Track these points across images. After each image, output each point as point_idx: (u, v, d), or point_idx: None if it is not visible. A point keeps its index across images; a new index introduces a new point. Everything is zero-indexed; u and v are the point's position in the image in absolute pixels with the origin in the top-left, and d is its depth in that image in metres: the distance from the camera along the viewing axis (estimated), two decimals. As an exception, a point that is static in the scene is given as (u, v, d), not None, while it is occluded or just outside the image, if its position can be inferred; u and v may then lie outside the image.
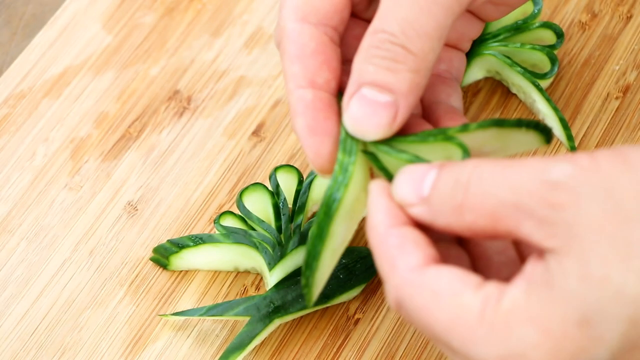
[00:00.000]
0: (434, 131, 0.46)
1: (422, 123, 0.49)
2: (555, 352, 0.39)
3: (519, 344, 0.40)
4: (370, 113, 0.46)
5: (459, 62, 0.53)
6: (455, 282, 0.42)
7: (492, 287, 0.41)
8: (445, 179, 0.43)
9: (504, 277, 0.44)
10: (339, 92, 0.48)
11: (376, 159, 0.46)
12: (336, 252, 0.47)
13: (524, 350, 0.40)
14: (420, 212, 0.44)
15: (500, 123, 0.46)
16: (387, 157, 0.46)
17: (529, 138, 0.47)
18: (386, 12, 0.46)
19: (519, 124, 0.46)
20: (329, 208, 0.45)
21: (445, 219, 0.43)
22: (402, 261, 0.43)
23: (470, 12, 0.52)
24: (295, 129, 0.47)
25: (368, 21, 0.51)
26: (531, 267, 0.41)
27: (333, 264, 0.47)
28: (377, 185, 0.45)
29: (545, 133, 0.47)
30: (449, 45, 0.53)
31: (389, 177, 0.46)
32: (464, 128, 0.45)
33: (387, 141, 0.46)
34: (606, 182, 0.40)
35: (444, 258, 0.44)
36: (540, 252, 0.41)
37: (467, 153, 0.45)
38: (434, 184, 0.43)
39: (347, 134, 0.46)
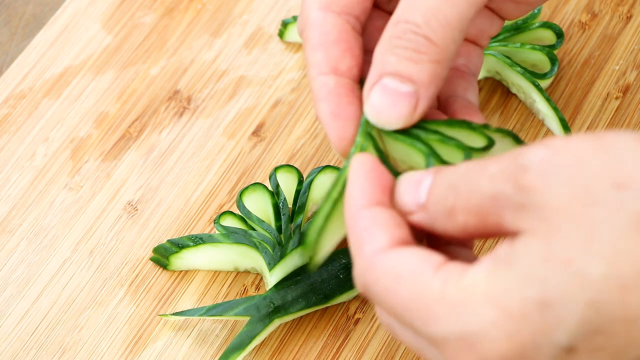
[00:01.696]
0: (457, 120, 0.46)
1: (438, 115, 0.50)
2: (513, 332, 0.39)
3: (477, 322, 0.40)
4: (391, 103, 0.46)
5: (477, 58, 0.53)
6: (416, 262, 0.42)
7: (454, 266, 0.41)
8: (439, 184, 0.43)
9: None
10: (361, 80, 0.49)
11: (375, 143, 0.47)
12: (342, 225, 0.46)
13: (482, 328, 0.39)
14: (419, 219, 0.44)
15: (517, 139, 0.46)
16: (396, 143, 0.46)
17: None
18: (409, 3, 0.46)
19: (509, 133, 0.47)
20: (344, 180, 0.46)
21: (442, 224, 0.43)
22: (367, 244, 0.43)
23: (490, 9, 0.52)
24: (318, 114, 0.48)
25: (390, 13, 0.51)
26: (500, 248, 0.41)
27: (340, 234, 0.46)
28: (359, 159, 0.45)
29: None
30: (469, 40, 0.53)
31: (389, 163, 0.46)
32: (485, 126, 0.46)
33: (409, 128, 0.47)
34: (576, 164, 0.40)
35: (452, 259, 0.44)
36: (513, 235, 0.41)
37: (491, 141, 0.45)
38: (430, 190, 0.44)
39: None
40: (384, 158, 0.47)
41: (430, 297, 0.41)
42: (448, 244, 0.46)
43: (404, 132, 0.47)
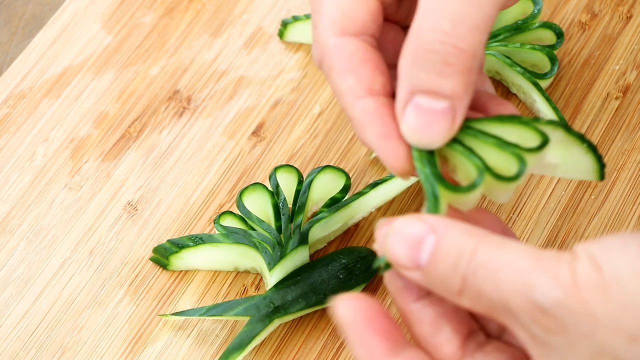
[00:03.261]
0: (508, 116, 0.45)
1: (471, 113, 0.48)
2: None
3: None
4: (428, 122, 0.44)
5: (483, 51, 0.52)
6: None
7: None
8: (445, 258, 0.42)
9: None
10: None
11: (430, 157, 0.45)
12: None
13: None
14: (415, 277, 0.43)
15: (568, 128, 0.45)
16: (451, 152, 0.45)
17: (585, 164, 0.46)
18: (431, 9, 0.44)
19: (583, 138, 0.45)
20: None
21: (442, 294, 0.42)
22: None
23: None
24: (367, 140, 0.46)
25: (398, 23, 0.50)
26: None
27: None
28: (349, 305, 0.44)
29: (602, 166, 0.46)
30: None
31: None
32: (536, 119, 0.45)
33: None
34: (590, 317, 0.39)
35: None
36: None
37: (545, 138, 0.44)
38: (432, 256, 0.42)
39: None
40: (437, 172, 0.45)
41: None
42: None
43: (457, 139, 0.45)
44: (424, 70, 0.44)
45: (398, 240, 0.43)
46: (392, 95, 0.47)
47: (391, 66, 0.49)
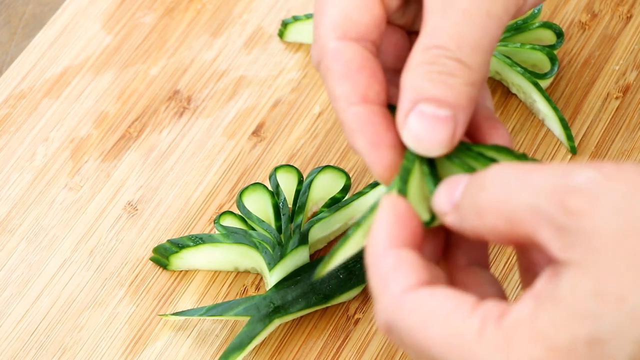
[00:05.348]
0: (502, 147, 0.46)
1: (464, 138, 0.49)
2: None
3: None
4: (430, 129, 0.45)
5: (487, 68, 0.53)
6: (450, 301, 0.41)
7: (491, 305, 0.40)
8: (472, 184, 0.43)
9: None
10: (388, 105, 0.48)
11: (422, 166, 0.46)
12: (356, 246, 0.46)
13: None
14: (451, 220, 0.43)
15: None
16: (449, 165, 0.46)
17: None
18: (438, 29, 0.45)
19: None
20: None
21: (470, 223, 0.42)
22: (394, 282, 0.42)
23: None
24: (356, 146, 0.46)
25: (402, 27, 0.51)
26: (542, 283, 0.40)
27: (356, 249, 0.46)
28: (389, 200, 0.44)
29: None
30: None
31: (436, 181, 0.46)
32: (524, 155, 0.46)
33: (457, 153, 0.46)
34: (630, 194, 0.39)
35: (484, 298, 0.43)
36: (555, 265, 0.40)
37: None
38: (464, 190, 0.43)
39: None
40: (435, 182, 0.46)
41: (468, 337, 0.40)
42: (467, 265, 0.46)
43: (453, 156, 0.46)
44: (429, 80, 0.45)
45: (441, 190, 0.44)
46: (386, 105, 0.47)
47: (390, 70, 0.49)
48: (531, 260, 0.44)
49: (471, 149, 0.46)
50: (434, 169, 0.46)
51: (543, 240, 0.40)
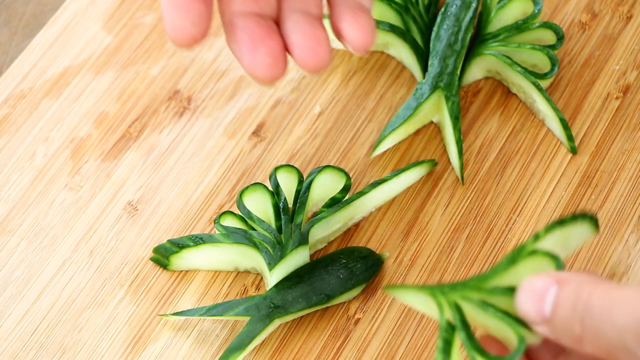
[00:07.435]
0: (513, 253, 0.46)
1: None
2: None
3: None
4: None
5: None
6: None
7: None
8: (564, 305, 0.43)
9: None
10: None
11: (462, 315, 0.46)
12: None
13: None
14: (544, 331, 0.44)
15: (561, 222, 0.46)
16: (489, 318, 0.46)
17: (583, 230, 0.47)
18: None
19: (575, 218, 0.46)
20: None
21: (569, 344, 0.43)
22: None
23: None
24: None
25: None
26: None
27: None
28: None
29: (595, 221, 0.47)
30: None
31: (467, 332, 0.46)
32: (536, 238, 0.46)
33: (474, 284, 0.46)
34: None
35: None
36: None
37: (560, 263, 0.46)
38: (554, 307, 0.43)
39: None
40: (469, 333, 0.46)
41: None
42: None
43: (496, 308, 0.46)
44: None
45: (526, 295, 0.44)
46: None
47: None
48: None
49: (481, 287, 0.46)
50: (470, 330, 0.46)
51: None
